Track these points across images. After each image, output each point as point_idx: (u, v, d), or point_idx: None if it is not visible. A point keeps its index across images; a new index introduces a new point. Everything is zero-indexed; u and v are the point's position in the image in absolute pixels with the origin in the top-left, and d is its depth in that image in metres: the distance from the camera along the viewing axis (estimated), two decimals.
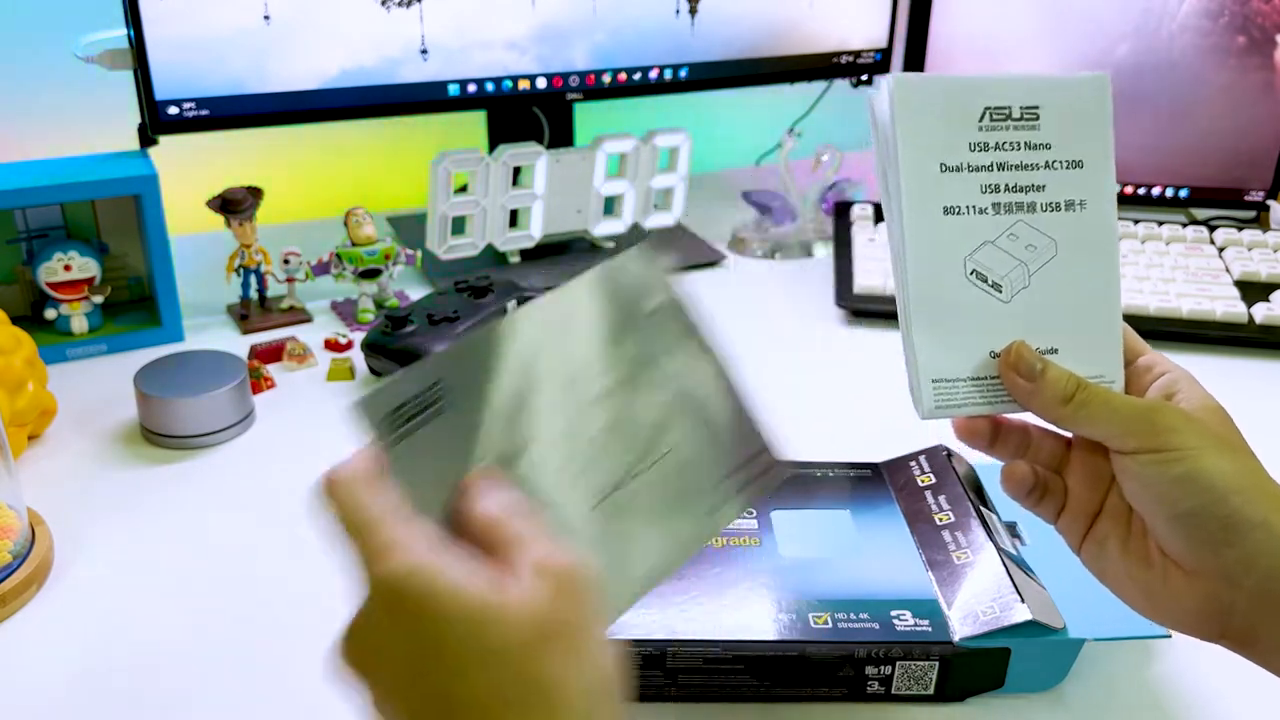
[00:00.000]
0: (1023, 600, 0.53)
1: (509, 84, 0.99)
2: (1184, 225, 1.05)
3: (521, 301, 0.87)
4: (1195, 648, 0.50)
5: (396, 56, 0.94)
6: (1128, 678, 0.56)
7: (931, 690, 0.54)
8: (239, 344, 0.88)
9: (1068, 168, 0.46)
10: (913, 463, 0.66)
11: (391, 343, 0.80)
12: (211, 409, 0.74)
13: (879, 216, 1.06)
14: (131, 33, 0.85)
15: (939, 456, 0.65)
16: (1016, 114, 0.46)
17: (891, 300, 0.48)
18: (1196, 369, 0.95)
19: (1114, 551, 0.46)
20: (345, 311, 0.94)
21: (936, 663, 0.53)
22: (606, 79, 1.03)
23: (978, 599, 0.55)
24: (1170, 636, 0.54)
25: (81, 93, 1.03)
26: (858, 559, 0.58)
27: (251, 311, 0.93)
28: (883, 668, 0.53)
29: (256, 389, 0.81)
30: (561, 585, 0.36)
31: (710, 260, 1.06)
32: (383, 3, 0.92)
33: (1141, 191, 1.14)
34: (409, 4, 0.93)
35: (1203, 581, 0.43)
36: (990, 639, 0.53)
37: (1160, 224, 1.05)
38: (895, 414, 0.81)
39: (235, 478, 0.72)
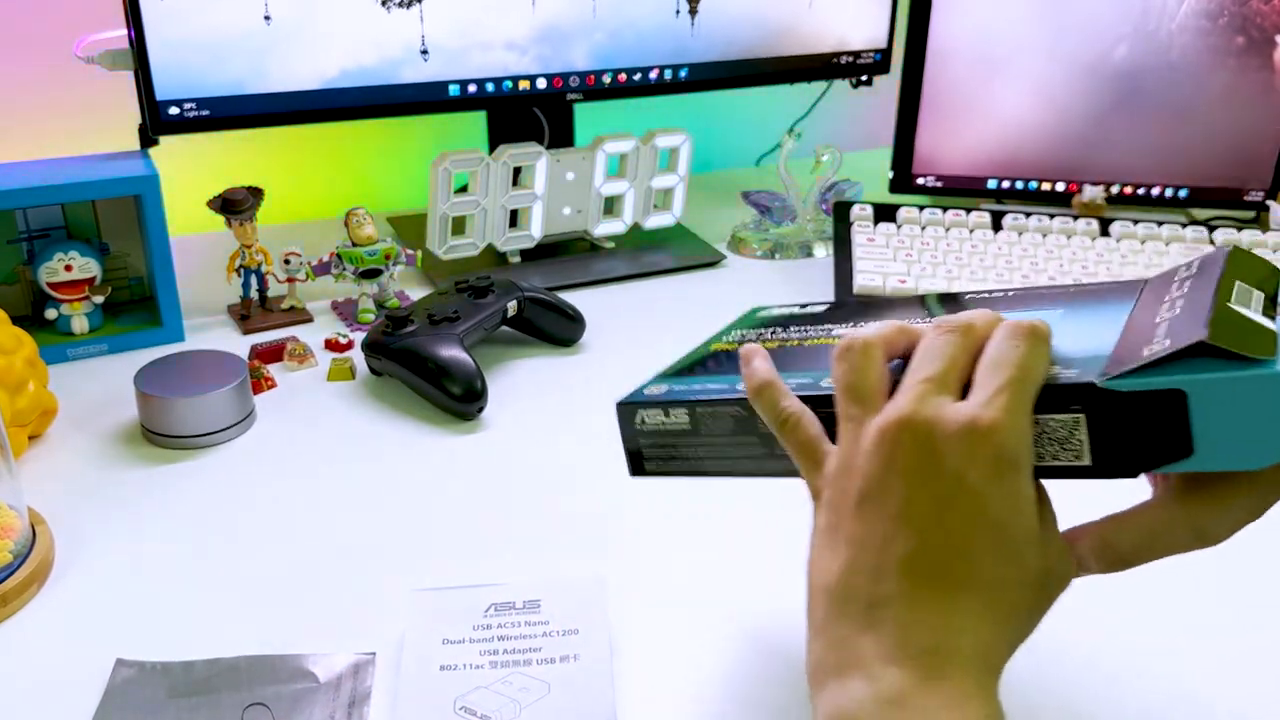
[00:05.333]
0: (1206, 326, 0.36)
1: (509, 84, 1.00)
2: (1184, 225, 1.05)
3: (522, 302, 0.87)
4: None
5: (397, 57, 0.94)
6: None
7: (1088, 459, 0.39)
8: (239, 344, 0.88)
9: None
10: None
11: (392, 343, 0.80)
12: (212, 409, 0.74)
13: (879, 217, 1.06)
14: (132, 33, 0.85)
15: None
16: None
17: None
18: None
19: None
20: (346, 311, 0.94)
21: (1081, 416, 0.39)
22: (606, 79, 1.03)
23: (1151, 334, 0.39)
24: None
25: (82, 93, 1.03)
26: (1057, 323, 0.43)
27: (252, 311, 0.93)
28: None
29: (257, 389, 0.81)
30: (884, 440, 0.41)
31: (710, 260, 1.06)
32: (383, 3, 0.92)
33: (1141, 192, 1.14)
34: (409, 4, 0.93)
35: None
36: (1147, 377, 0.37)
37: (1160, 224, 1.05)
38: None
39: (236, 477, 0.72)
